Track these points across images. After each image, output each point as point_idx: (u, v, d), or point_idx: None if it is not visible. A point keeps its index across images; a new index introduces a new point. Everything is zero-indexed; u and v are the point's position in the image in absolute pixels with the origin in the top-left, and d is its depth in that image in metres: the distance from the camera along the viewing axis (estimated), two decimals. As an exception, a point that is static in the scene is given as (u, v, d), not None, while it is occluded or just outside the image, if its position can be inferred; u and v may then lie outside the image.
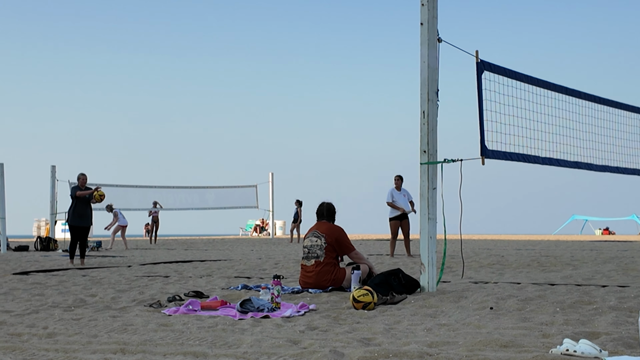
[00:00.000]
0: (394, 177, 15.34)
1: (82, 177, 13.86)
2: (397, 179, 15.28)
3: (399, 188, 15.25)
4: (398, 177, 15.30)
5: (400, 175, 15.34)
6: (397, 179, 15.28)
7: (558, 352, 3.76)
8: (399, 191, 15.23)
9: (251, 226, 47.34)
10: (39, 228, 46.28)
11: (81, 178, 13.85)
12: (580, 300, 6.23)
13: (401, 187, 15.30)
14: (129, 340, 4.53)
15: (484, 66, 7.51)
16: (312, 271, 7.71)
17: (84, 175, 13.87)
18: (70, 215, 13.80)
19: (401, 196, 15.18)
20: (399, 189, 15.24)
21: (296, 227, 27.51)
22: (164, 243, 29.36)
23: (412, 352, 3.90)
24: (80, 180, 13.87)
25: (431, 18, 7.37)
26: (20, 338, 4.78)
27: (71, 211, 13.76)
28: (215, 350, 4.14)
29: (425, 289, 7.28)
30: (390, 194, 15.22)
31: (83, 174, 13.87)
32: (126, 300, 6.98)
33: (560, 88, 8.71)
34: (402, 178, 15.35)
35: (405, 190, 15.33)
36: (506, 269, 11.01)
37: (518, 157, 7.89)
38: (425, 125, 7.31)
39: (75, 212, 13.69)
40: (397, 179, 15.28)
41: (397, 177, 15.30)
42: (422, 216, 7.31)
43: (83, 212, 13.73)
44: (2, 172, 22.16)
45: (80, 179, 13.86)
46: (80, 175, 13.88)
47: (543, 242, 27.69)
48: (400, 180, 15.30)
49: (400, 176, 15.34)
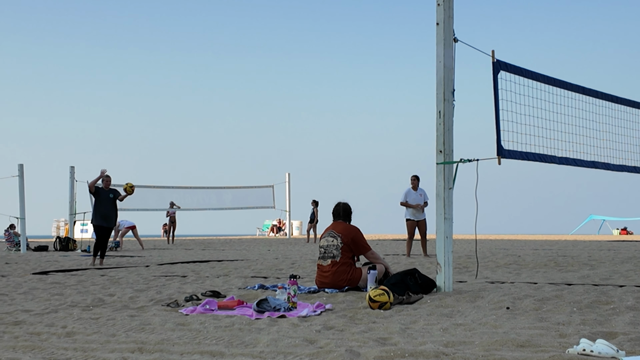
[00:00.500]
0: (410, 177, 15.30)
1: (107, 178, 13.83)
2: (414, 179, 15.24)
3: (416, 188, 15.21)
4: (414, 177, 15.25)
5: (417, 175, 15.30)
6: (414, 179, 15.24)
7: (575, 352, 3.75)
8: (415, 191, 15.19)
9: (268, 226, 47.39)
10: (58, 228, 46.65)
11: (105, 180, 13.83)
12: (598, 300, 6.21)
13: (418, 187, 15.26)
14: (146, 340, 4.57)
15: (500, 66, 7.49)
16: (328, 271, 7.73)
17: (108, 176, 13.84)
18: (93, 215, 13.79)
19: (417, 196, 15.13)
20: (415, 189, 15.20)
21: (313, 227, 27.53)
22: (181, 243, 29.47)
23: (428, 351, 3.90)
24: (104, 181, 13.82)
25: (447, 18, 7.37)
26: (39, 337, 4.83)
27: (95, 211, 13.73)
28: (232, 350, 4.17)
29: (441, 288, 7.27)
30: (404, 194, 15.19)
31: (108, 175, 13.82)
32: (144, 300, 7.04)
33: (577, 87, 8.67)
34: (418, 178, 15.30)
35: (422, 190, 15.28)
36: (523, 269, 10.96)
37: (534, 157, 7.86)
38: (441, 125, 7.31)
39: (99, 212, 13.67)
40: (413, 179, 15.24)
41: (414, 177, 15.26)
42: (438, 216, 7.31)
43: (107, 214, 13.73)
44: (22, 173, 22.37)
45: (105, 180, 13.83)
46: (105, 176, 13.85)
47: (560, 242, 27.53)
48: (416, 180, 15.25)
49: (417, 176, 15.29)
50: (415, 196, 15.11)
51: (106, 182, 13.85)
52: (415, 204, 15.09)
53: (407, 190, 15.19)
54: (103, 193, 13.81)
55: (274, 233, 46.32)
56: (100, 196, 13.74)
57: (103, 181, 13.86)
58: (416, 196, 15.12)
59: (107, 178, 13.85)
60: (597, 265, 11.63)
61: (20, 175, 22.31)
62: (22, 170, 22.39)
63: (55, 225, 47.38)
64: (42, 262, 15.02)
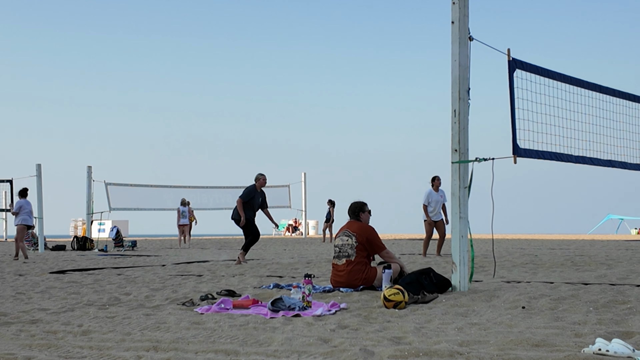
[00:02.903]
0: (432, 178, 15.10)
1: (262, 177, 13.12)
2: (436, 179, 15.08)
3: (437, 189, 15.09)
4: (436, 178, 15.09)
5: (438, 176, 15.14)
6: (436, 179, 15.08)
7: (590, 351, 3.73)
8: (436, 192, 15.08)
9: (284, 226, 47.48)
10: (75, 228, 46.98)
11: (260, 179, 13.11)
12: (614, 299, 6.16)
13: (439, 188, 15.13)
14: (161, 338, 4.59)
15: (515, 64, 7.46)
16: (343, 270, 7.73)
17: (263, 175, 13.13)
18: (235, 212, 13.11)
19: (438, 197, 15.01)
20: (437, 189, 15.08)
21: (328, 226, 27.54)
22: (197, 243, 29.57)
23: (443, 351, 3.89)
24: (259, 181, 13.11)
25: (462, 16, 7.34)
26: (55, 335, 4.87)
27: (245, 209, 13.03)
28: (247, 349, 4.18)
29: (456, 288, 7.25)
30: (427, 196, 15.02)
31: (262, 174, 13.12)
32: (160, 299, 7.07)
33: (593, 86, 8.62)
34: (439, 178, 15.14)
35: (443, 191, 15.11)
36: (539, 268, 10.91)
37: (550, 155, 7.81)
38: (456, 124, 7.29)
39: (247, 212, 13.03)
40: (435, 180, 15.06)
41: (435, 177, 15.11)
42: (454, 215, 7.29)
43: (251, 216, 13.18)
44: (40, 173, 22.54)
45: (260, 179, 13.12)
46: (260, 175, 13.14)
47: (578, 242, 27.38)
48: (438, 181, 15.10)
49: (438, 177, 15.13)
50: (436, 197, 14.98)
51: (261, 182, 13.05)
52: (430, 220, 14.87)
53: (428, 192, 15.03)
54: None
55: (289, 232, 46.40)
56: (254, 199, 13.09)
57: (258, 180, 13.05)
58: (437, 197, 14.98)
59: (262, 177, 13.06)
60: (615, 264, 11.55)
61: (38, 175, 22.48)
62: (39, 170, 22.56)
63: (73, 224, 47.72)
64: (60, 261, 15.14)
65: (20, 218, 16.64)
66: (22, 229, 16.69)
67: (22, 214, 16.64)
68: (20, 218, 16.64)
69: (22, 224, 16.65)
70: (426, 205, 14.94)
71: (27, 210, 16.74)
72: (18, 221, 16.66)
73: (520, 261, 12.60)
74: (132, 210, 28.73)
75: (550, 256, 14.47)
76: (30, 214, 16.83)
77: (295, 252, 18.65)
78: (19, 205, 16.70)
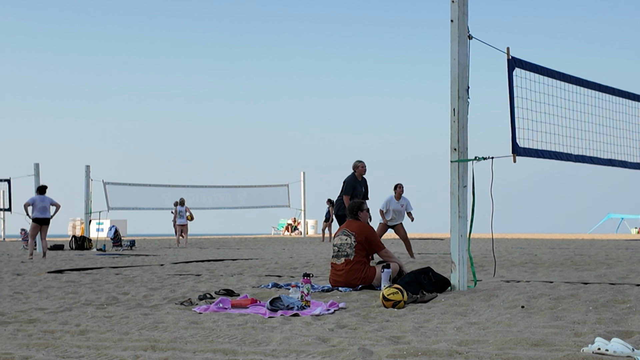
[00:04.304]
0: (394, 186, 14.37)
1: (361, 164, 12.30)
2: (398, 187, 14.32)
3: (399, 197, 14.33)
4: (399, 186, 14.34)
5: (400, 184, 14.38)
6: (398, 187, 14.32)
7: (590, 351, 3.72)
8: (398, 200, 14.37)
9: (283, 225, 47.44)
10: (74, 227, 46.93)
11: (359, 166, 12.28)
12: (614, 299, 6.15)
13: (401, 196, 14.40)
14: (159, 338, 4.57)
15: (515, 63, 7.45)
16: (342, 269, 7.71)
17: (362, 162, 12.32)
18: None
19: (398, 206, 14.24)
20: (398, 197, 14.33)
21: (328, 226, 27.54)
22: (196, 242, 29.55)
23: (442, 350, 3.88)
24: (358, 169, 12.26)
25: (461, 15, 7.33)
26: (53, 335, 4.85)
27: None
28: (245, 348, 4.16)
29: (455, 287, 7.24)
30: (385, 202, 14.32)
31: (361, 161, 12.34)
32: (158, 298, 7.05)
33: (593, 84, 8.61)
34: (401, 186, 14.37)
35: (406, 199, 14.41)
36: (539, 267, 10.89)
37: (550, 154, 7.80)
38: (455, 122, 7.27)
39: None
40: (397, 187, 14.30)
41: (398, 185, 14.35)
42: (453, 214, 7.27)
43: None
44: (38, 172, 22.50)
45: (359, 166, 12.29)
46: (358, 162, 12.32)
47: (577, 241, 27.37)
48: (400, 189, 14.33)
49: (400, 184, 14.37)
50: (396, 206, 14.23)
51: (361, 169, 12.32)
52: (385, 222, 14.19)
53: (389, 198, 14.31)
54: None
55: (288, 232, 46.38)
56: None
57: (356, 168, 12.27)
58: (397, 206, 14.24)
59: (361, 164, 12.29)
60: (614, 264, 11.54)
61: (36, 175, 22.44)
62: (37, 169, 22.52)
63: (71, 224, 47.68)
64: (58, 261, 15.11)
65: (33, 215, 16.48)
66: (34, 226, 16.54)
67: (34, 211, 16.47)
68: (33, 215, 16.48)
69: (33, 221, 16.50)
70: (383, 210, 14.28)
71: (40, 207, 16.53)
72: (32, 217, 16.47)
73: (519, 260, 12.59)
74: (130, 209, 28.74)
75: (550, 255, 14.46)
76: (42, 210, 16.56)
77: (294, 252, 18.64)
78: (31, 201, 16.48)
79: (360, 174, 12.26)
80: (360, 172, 12.22)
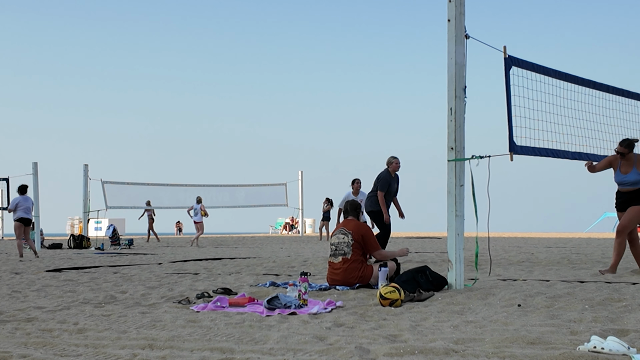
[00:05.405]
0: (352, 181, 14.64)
1: (395, 160, 11.96)
2: (355, 182, 14.59)
3: (357, 192, 14.61)
4: (356, 181, 14.59)
5: (358, 179, 14.67)
6: (355, 182, 14.59)
7: (585, 349, 3.73)
8: (355, 195, 14.61)
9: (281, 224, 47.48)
10: (72, 226, 46.94)
11: (393, 162, 11.95)
12: (610, 297, 6.17)
13: (359, 190, 14.65)
14: (157, 336, 4.59)
15: (512, 62, 7.46)
16: (339, 268, 7.73)
17: (396, 158, 11.97)
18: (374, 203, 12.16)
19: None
20: (356, 193, 14.61)
21: (325, 225, 27.56)
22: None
23: (438, 348, 3.90)
24: (392, 165, 11.93)
25: (458, 14, 7.34)
26: (51, 334, 4.86)
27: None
28: (242, 347, 4.18)
29: (452, 286, 7.25)
30: (343, 199, 14.47)
31: (395, 157, 11.96)
32: (156, 297, 7.06)
33: (589, 82, 8.63)
34: (358, 181, 14.67)
35: (364, 193, 14.37)
36: (535, 266, 10.92)
37: (547, 152, 7.82)
38: (452, 122, 7.28)
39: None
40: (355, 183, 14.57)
41: (355, 180, 14.60)
42: (450, 213, 7.29)
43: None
44: (36, 171, 22.49)
45: (393, 162, 11.94)
46: (392, 158, 11.97)
47: (574, 240, 27.40)
48: (357, 184, 14.60)
49: (357, 179, 14.67)
50: None
51: (394, 165, 11.90)
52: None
53: (346, 194, 14.36)
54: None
55: (286, 231, 46.39)
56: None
57: (391, 164, 11.90)
58: None
59: (396, 160, 11.91)
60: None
61: (34, 174, 22.43)
62: (36, 168, 22.51)
63: (70, 223, 47.68)
64: (56, 260, 15.12)
65: (16, 215, 16.55)
66: (18, 226, 16.59)
67: (18, 211, 16.54)
68: (17, 215, 16.55)
69: (17, 221, 16.55)
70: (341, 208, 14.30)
71: (23, 207, 16.60)
72: (15, 217, 16.57)
73: (516, 259, 12.61)
74: (128, 208, 28.72)
75: (547, 254, 14.49)
76: (26, 210, 16.65)
77: (291, 250, 18.65)
78: (15, 202, 16.59)
79: (394, 170, 12.03)
80: (394, 168, 11.99)
